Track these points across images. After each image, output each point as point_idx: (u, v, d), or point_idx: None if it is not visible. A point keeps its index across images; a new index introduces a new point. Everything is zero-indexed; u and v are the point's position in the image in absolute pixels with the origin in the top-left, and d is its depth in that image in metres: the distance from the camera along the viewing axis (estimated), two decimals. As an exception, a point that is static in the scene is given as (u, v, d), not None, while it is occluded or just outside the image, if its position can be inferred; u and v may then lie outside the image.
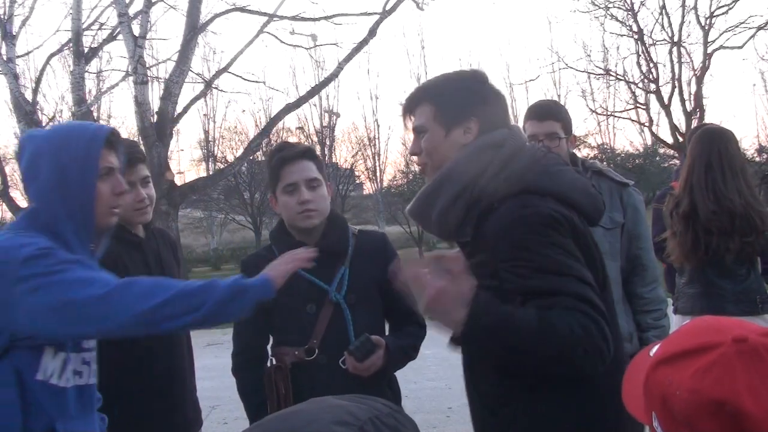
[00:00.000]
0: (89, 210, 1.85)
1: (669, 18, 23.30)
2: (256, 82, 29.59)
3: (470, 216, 1.85)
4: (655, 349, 1.11)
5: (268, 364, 2.53)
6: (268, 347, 2.63)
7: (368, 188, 38.02)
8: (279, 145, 2.66)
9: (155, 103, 14.72)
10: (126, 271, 2.61)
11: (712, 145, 3.37)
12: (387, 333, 2.59)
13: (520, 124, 2.81)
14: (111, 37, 17.57)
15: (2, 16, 18.79)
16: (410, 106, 2.00)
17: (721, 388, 0.99)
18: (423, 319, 2.62)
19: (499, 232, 1.76)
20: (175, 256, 2.91)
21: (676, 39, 23.18)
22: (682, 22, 23.22)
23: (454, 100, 1.94)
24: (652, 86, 23.34)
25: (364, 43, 15.69)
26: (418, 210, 1.98)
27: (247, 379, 2.62)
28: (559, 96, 32.02)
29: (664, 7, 23.02)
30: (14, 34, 19.21)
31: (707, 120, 20.13)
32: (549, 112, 3.03)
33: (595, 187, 1.99)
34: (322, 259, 2.26)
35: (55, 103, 38.71)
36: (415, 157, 2.04)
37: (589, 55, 26.21)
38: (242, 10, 15.75)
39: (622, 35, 24.26)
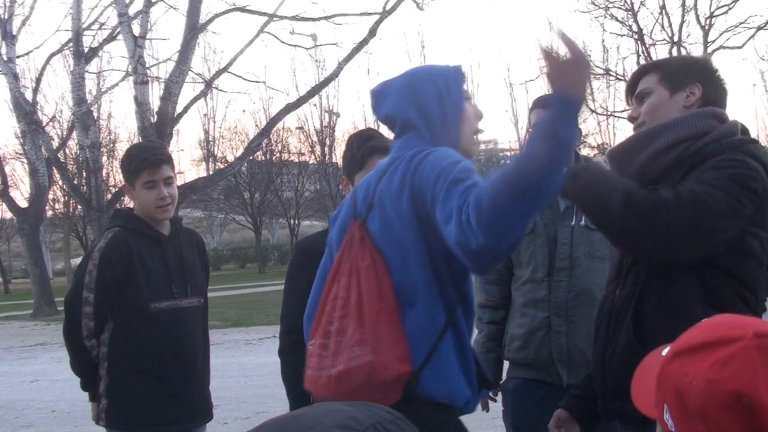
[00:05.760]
0: (458, 132, 1.92)
1: (669, 18, 23.19)
2: (256, 82, 29.72)
3: (678, 168, 1.92)
4: (666, 349, 1.11)
5: None
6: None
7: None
8: (373, 133, 2.58)
9: (155, 103, 14.74)
10: (144, 265, 2.73)
11: None
12: None
13: (521, 123, 2.82)
14: (111, 37, 17.60)
15: (2, 16, 18.80)
16: (633, 83, 2.09)
17: (740, 381, 0.98)
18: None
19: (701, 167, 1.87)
20: (202, 257, 3.01)
21: (676, 39, 23.12)
22: (682, 22, 23.16)
23: (679, 66, 2.07)
24: (652, 86, 23.29)
25: (364, 43, 15.72)
26: (622, 151, 2.02)
27: (291, 363, 2.46)
28: (559, 96, 31.80)
29: (664, 7, 22.95)
30: (14, 34, 19.24)
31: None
32: None
33: None
34: None
35: (55, 103, 38.80)
36: (632, 124, 2.09)
37: (589, 55, 26.01)
38: (242, 10, 15.79)
39: (622, 35, 24.18)
